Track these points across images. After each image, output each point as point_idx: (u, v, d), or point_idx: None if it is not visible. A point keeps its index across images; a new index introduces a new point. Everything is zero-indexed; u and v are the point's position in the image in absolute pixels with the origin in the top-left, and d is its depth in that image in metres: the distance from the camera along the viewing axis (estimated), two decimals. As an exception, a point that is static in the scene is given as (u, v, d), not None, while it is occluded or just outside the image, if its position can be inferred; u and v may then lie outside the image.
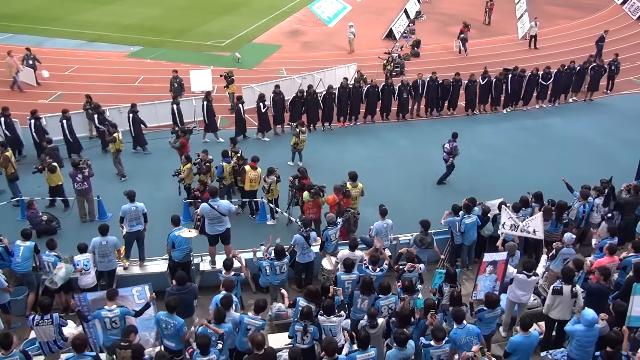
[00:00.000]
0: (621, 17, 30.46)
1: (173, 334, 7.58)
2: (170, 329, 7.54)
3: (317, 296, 7.92)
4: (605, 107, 19.74)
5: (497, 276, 8.80)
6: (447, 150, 13.90)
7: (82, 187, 12.15)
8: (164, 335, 7.69)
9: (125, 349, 7.04)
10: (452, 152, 13.80)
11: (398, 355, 6.99)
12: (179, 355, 7.74)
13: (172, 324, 7.52)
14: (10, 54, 19.20)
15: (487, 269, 8.73)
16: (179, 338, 7.60)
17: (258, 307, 7.66)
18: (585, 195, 11.03)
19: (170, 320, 7.52)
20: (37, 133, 14.26)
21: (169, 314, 7.53)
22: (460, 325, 7.34)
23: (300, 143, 14.74)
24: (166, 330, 7.59)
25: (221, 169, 12.41)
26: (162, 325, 7.60)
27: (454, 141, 13.83)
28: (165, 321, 7.54)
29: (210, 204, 9.89)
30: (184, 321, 7.73)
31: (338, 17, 30.28)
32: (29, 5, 29.01)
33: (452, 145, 13.79)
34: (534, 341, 7.47)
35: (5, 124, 14.30)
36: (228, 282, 8.23)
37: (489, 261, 8.75)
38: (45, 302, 7.91)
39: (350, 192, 11.45)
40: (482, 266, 8.76)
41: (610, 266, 8.96)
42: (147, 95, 18.71)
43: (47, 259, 9.23)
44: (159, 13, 29.03)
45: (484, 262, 8.75)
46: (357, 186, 11.64)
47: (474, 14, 30.25)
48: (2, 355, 6.86)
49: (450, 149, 13.81)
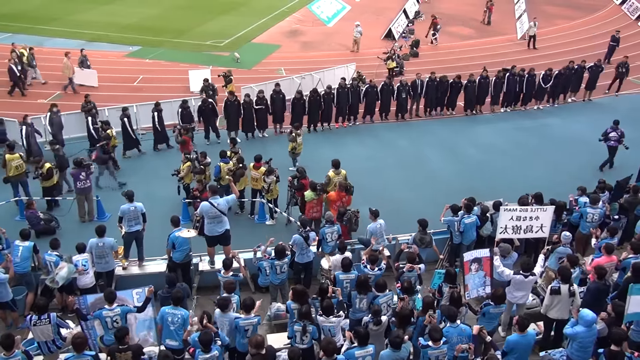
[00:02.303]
0: (620, 17, 30.49)
1: (179, 328, 7.63)
2: (177, 321, 7.61)
3: (302, 296, 7.94)
4: (604, 107, 19.73)
5: (485, 272, 8.81)
6: (614, 138, 14.70)
7: (84, 186, 12.16)
8: (168, 332, 7.68)
9: (124, 351, 7.05)
10: (622, 136, 14.66)
11: (392, 357, 7.00)
12: (179, 355, 7.74)
13: (179, 315, 7.62)
14: (67, 55, 19.30)
15: (471, 268, 8.77)
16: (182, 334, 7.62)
17: (246, 306, 7.70)
18: (595, 201, 10.81)
19: (177, 312, 7.62)
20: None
21: (174, 307, 7.63)
22: (453, 324, 7.37)
23: (298, 147, 14.59)
24: (172, 325, 7.61)
25: (218, 169, 12.39)
26: (167, 319, 7.63)
27: (617, 127, 14.70)
28: (172, 314, 7.61)
29: (210, 202, 9.89)
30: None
31: (337, 17, 30.31)
32: (28, 4, 28.99)
33: (619, 131, 14.65)
34: (530, 340, 7.48)
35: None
36: (229, 284, 8.25)
37: (471, 259, 8.79)
38: (40, 302, 7.92)
39: (333, 180, 11.85)
40: (466, 265, 8.80)
41: (608, 266, 8.96)
42: (147, 95, 18.70)
43: (49, 258, 9.22)
44: (158, 13, 29.03)
45: (465, 262, 8.80)
46: (340, 173, 12.08)
47: (473, 13, 30.31)
48: (4, 355, 6.87)
49: (619, 135, 14.65)
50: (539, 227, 9.37)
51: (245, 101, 16.13)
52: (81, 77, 19.62)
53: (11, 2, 29.17)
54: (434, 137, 17.34)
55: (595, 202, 10.75)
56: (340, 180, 11.76)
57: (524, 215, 9.28)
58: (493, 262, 8.83)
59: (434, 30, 26.34)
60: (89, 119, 15.13)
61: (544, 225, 9.36)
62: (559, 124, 18.30)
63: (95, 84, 19.71)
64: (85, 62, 19.77)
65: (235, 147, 13.17)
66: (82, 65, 19.67)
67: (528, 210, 9.35)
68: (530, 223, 9.35)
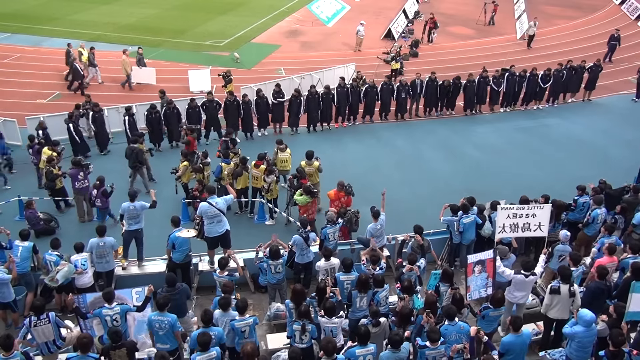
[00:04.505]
0: (620, 17, 30.50)
1: (167, 333, 7.59)
2: (165, 326, 7.55)
3: (300, 295, 7.93)
4: (603, 108, 19.76)
5: (488, 274, 8.81)
6: None
7: (82, 186, 12.14)
8: (158, 337, 7.66)
9: (119, 348, 7.06)
10: None
11: (391, 357, 7.00)
12: (174, 355, 7.72)
13: (166, 321, 7.54)
14: (125, 53, 19.38)
15: (475, 269, 8.75)
16: (173, 336, 7.61)
17: (239, 308, 7.69)
18: (599, 202, 10.78)
19: (163, 318, 7.55)
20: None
21: (160, 313, 7.57)
22: (451, 322, 7.39)
23: (280, 163, 12.91)
24: (160, 330, 7.58)
25: (219, 168, 12.39)
26: (155, 325, 7.59)
27: None
28: (159, 320, 7.55)
29: (208, 202, 9.88)
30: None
31: (337, 17, 30.31)
32: (27, 4, 29.00)
33: None
34: (526, 340, 7.47)
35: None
36: (227, 284, 8.23)
37: (475, 261, 8.77)
38: (38, 303, 7.90)
39: (305, 170, 12.10)
40: (469, 268, 8.78)
41: (609, 266, 8.96)
42: (146, 95, 18.69)
43: (49, 258, 9.21)
44: (157, 13, 29.03)
45: (469, 263, 8.78)
46: (312, 164, 12.32)
47: (472, 14, 30.31)
48: (2, 356, 6.85)
49: None
50: (536, 226, 9.29)
51: (245, 101, 16.12)
52: (139, 75, 19.73)
53: (10, 2, 29.18)
54: (434, 137, 17.33)
55: (600, 202, 10.76)
56: (312, 170, 12.06)
57: (520, 213, 9.22)
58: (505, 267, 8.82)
59: (434, 28, 26.31)
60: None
61: (542, 223, 9.27)
62: (559, 124, 18.30)
63: (153, 81, 19.78)
64: (142, 60, 19.87)
65: (235, 148, 13.15)
66: (139, 64, 19.74)
67: (525, 208, 9.30)
68: (527, 220, 9.25)
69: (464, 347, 7.09)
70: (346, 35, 25.92)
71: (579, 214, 11.10)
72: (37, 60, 22.03)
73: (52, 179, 12.15)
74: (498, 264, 8.78)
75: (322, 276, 9.05)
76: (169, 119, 15.50)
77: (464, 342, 7.22)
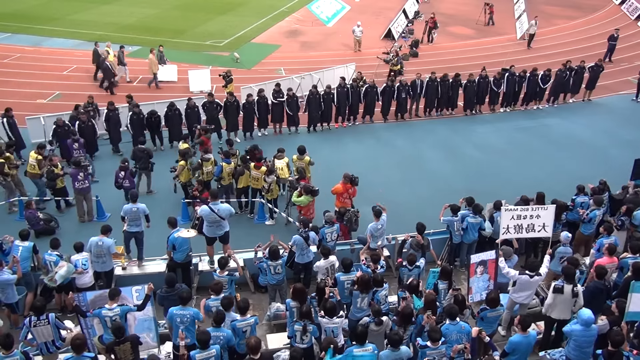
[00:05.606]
0: (619, 17, 30.51)
1: (190, 326, 7.63)
2: (187, 320, 7.60)
3: (301, 294, 7.94)
4: (603, 108, 19.76)
5: (490, 275, 8.80)
6: None
7: (83, 186, 12.13)
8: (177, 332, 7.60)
9: (123, 343, 7.10)
10: None
11: (390, 357, 6.99)
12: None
13: (188, 314, 7.62)
14: (152, 51, 19.50)
15: (477, 270, 8.73)
16: (193, 331, 7.62)
17: (240, 308, 7.70)
18: (599, 202, 10.78)
19: (185, 312, 7.63)
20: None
21: (182, 307, 7.65)
22: (453, 322, 7.38)
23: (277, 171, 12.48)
24: (182, 324, 7.61)
25: (220, 168, 12.36)
26: (177, 320, 7.61)
27: None
28: (181, 314, 7.61)
29: (210, 207, 9.86)
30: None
31: (337, 17, 30.31)
32: (27, 4, 28.99)
33: None
34: (532, 341, 7.48)
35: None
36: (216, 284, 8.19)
37: (478, 262, 8.74)
38: (38, 303, 7.89)
39: (296, 164, 12.43)
40: (472, 268, 8.75)
41: (609, 267, 8.95)
42: (146, 95, 18.68)
43: (49, 258, 9.19)
44: (157, 13, 29.03)
45: (472, 263, 8.74)
46: (304, 159, 12.54)
47: (472, 14, 30.33)
48: (2, 355, 6.85)
49: None
50: (541, 227, 9.24)
51: (249, 101, 16.11)
52: (163, 73, 19.84)
53: (10, 2, 29.17)
54: (434, 137, 17.32)
55: (600, 203, 10.73)
56: (302, 165, 12.26)
57: (524, 214, 9.19)
58: (498, 264, 8.81)
59: (434, 28, 26.35)
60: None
61: (546, 224, 9.23)
62: (559, 124, 18.29)
63: (175, 78, 20.00)
64: (162, 58, 19.98)
65: (232, 149, 13.12)
66: (161, 61, 19.83)
67: (528, 210, 9.28)
68: (531, 222, 9.22)
69: (465, 347, 7.09)
70: (346, 35, 25.92)
71: (577, 214, 11.07)
72: (37, 60, 22.02)
73: (53, 179, 12.15)
74: (502, 264, 8.78)
75: (322, 276, 9.05)
76: (170, 120, 15.52)
77: (464, 342, 7.21)
